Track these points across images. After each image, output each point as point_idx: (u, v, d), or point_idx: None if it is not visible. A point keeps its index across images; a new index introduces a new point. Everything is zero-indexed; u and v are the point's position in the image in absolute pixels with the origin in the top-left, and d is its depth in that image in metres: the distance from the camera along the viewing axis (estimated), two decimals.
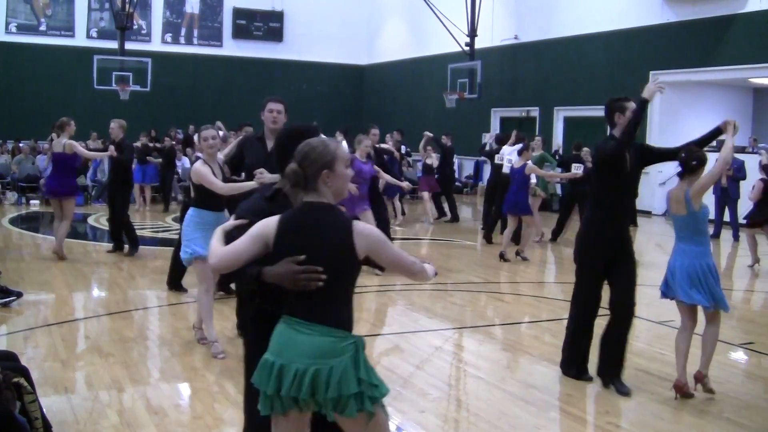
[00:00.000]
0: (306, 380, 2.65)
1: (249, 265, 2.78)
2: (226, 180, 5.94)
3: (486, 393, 5.26)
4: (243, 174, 6.05)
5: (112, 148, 10.22)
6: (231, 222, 2.97)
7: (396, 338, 6.80)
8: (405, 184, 11.78)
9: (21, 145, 19.35)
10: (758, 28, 14.82)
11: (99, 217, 14.89)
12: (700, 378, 5.15)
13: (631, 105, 5.13)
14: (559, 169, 13.28)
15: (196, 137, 7.17)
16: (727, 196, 13.16)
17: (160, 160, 17.28)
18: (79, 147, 10.17)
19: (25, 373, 3.80)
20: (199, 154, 6.13)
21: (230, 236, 2.88)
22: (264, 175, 5.56)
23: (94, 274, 9.33)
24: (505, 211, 10.95)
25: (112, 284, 8.73)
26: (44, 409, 3.79)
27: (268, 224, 2.77)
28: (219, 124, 10.03)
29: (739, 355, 6.30)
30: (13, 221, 14.16)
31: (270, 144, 5.95)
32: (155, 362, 5.78)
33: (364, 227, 2.78)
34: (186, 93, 24.52)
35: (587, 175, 12.28)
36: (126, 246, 10.51)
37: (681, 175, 5.10)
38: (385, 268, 2.99)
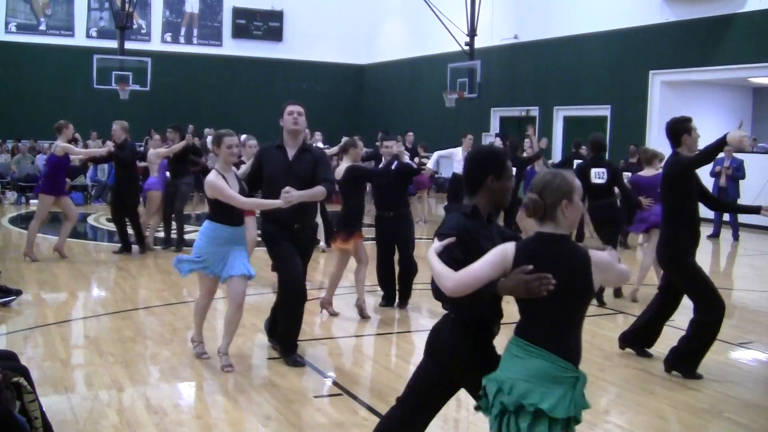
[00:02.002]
0: (514, 393, 2.73)
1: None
2: (243, 195, 5.47)
3: None
4: (262, 186, 5.65)
5: (109, 143, 10.30)
6: (439, 243, 2.97)
7: (396, 338, 6.80)
8: None
9: (20, 144, 19.34)
10: (758, 28, 14.81)
11: (99, 217, 14.89)
12: None
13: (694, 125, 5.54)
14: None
15: (209, 141, 6.97)
16: (726, 195, 13.16)
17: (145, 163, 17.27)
18: (73, 149, 10.34)
19: (24, 372, 3.79)
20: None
21: (440, 258, 2.91)
22: (291, 194, 5.22)
23: (93, 273, 9.33)
24: None
25: (112, 284, 8.73)
26: (44, 409, 3.78)
27: (506, 252, 2.84)
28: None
29: (739, 355, 6.29)
30: (13, 221, 14.16)
31: (291, 152, 5.57)
32: (155, 362, 5.77)
33: (599, 258, 2.83)
34: (186, 93, 24.50)
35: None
36: (127, 245, 10.50)
37: None
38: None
